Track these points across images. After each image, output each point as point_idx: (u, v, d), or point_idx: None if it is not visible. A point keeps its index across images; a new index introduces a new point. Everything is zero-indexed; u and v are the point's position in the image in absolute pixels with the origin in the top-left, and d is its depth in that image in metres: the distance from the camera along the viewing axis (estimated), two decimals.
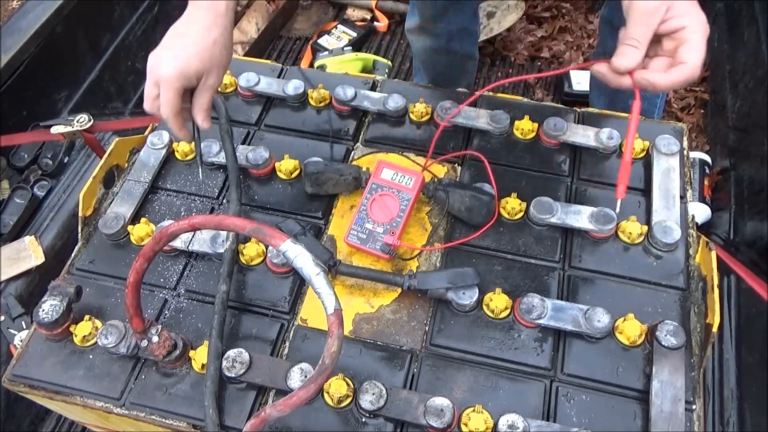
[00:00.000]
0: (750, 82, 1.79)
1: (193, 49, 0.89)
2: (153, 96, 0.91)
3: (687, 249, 0.98)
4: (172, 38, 0.91)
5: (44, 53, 1.71)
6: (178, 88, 0.89)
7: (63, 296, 0.92)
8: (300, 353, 0.91)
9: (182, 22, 0.92)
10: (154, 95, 0.91)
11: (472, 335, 0.91)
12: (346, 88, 1.18)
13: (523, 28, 2.42)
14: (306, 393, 0.73)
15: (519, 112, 1.14)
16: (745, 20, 1.89)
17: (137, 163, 1.14)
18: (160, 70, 0.88)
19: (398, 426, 0.85)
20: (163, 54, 0.89)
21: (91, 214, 1.08)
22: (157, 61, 0.89)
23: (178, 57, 0.88)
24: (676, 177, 1.04)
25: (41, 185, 1.66)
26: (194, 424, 0.87)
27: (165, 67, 0.88)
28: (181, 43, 0.89)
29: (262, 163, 1.08)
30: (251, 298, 0.97)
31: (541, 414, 0.85)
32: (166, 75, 0.88)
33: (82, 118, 1.59)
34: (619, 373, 0.87)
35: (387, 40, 2.45)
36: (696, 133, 2.03)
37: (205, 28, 0.90)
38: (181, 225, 0.81)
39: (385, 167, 1.02)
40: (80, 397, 0.90)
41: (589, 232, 0.99)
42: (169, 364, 0.89)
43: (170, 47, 0.90)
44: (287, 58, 2.43)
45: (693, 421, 0.84)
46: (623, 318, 0.89)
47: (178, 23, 0.92)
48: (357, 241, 0.99)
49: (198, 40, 0.89)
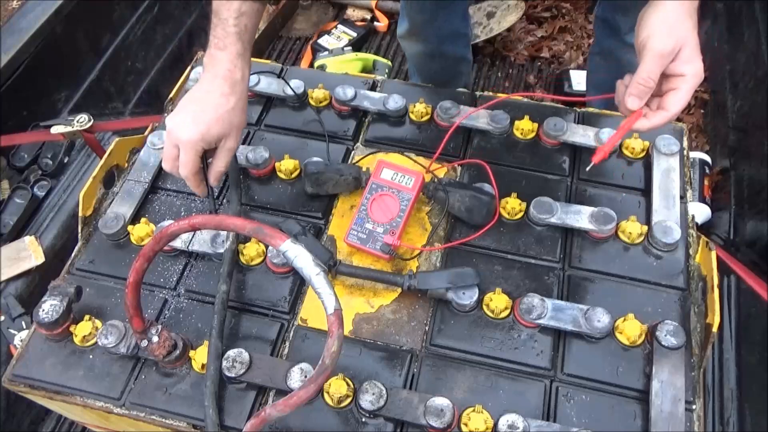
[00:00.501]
0: (750, 82, 1.79)
1: (213, 114, 0.92)
2: (173, 157, 0.94)
3: (687, 249, 0.98)
4: (191, 103, 0.94)
5: (44, 53, 1.71)
6: (198, 151, 0.93)
7: (63, 296, 0.92)
8: (300, 353, 0.91)
9: (200, 89, 0.95)
10: (173, 156, 0.94)
11: (472, 335, 0.91)
12: (346, 88, 1.18)
13: (523, 28, 2.42)
14: (306, 393, 0.73)
15: (519, 112, 1.14)
16: (745, 20, 1.89)
17: (137, 163, 1.14)
18: (181, 134, 0.92)
19: (398, 426, 0.85)
20: (184, 118, 0.92)
21: (91, 214, 1.08)
22: (177, 124, 0.92)
23: (199, 121, 0.92)
24: (676, 177, 1.04)
25: (41, 185, 1.66)
26: (194, 424, 0.87)
27: (187, 132, 0.91)
28: (201, 108, 0.93)
29: (262, 163, 1.08)
30: (251, 298, 0.97)
31: (541, 414, 0.85)
32: (188, 139, 0.91)
33: (82, 118, 1.59)
34: (619, 373, 0.87)
35: (387, 40, 2.45)
36: (696, 133, 2.03)
37: (224, 95, 0.93)
38: (181, 225, 0.81)
39: (385, 167, 1.02)
40: (80, 397, 0.90)
41: (589, 232, 0.99)
42: (169, 364, 0.89)
43: (190, 112, 0.93)
44: (287, 58, 2.43)
45: (693, 421, 0.84)
46: (623, 318, 0.89)
47: (196, 90, 0.96)
48: (357, 241, 0.99)
49: (218, 106, 0.93)
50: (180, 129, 0.92)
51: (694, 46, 0.85)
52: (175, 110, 0.95)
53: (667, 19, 0.84)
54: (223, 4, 0.92)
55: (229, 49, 0.93)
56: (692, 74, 0.86)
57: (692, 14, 0.86)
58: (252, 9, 0.93)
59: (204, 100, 0.93)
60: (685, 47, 0.85)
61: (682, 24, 0.84)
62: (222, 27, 0.92)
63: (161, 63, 2.08)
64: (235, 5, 0.92)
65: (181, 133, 0.92)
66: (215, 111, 0.93)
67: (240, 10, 0.92)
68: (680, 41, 0.84)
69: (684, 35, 0.84)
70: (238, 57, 0.94)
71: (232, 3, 0.91)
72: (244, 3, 0.92)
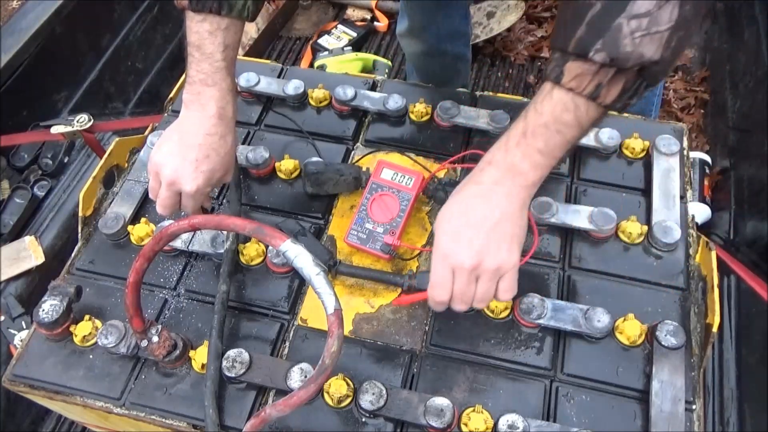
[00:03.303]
0: (750, 82, 1.79)
1: (216, 158, 0.90)
2: (173, 204, 0.92)
3: (687, 249, 0.98)
4: (189, 149, 0.89)
5: (44, 53, 1.71)
6: (206, 194, 0.94)
7: (63, 296, 0.92)
8: (300, 353, 0.91)
9: (193, 131, 0.90)
10: (173, 203, 0.92)
11: (472, 335, 0.91)
12: (346, 88, 1.18)
13: (523, 28, 2.42)
14: (306, 393, 0.73)
15: (519, 112, 1.14)
16: (745, 20, 1.89)
17: (137, 163, 1.14)
18: (186, 186, 0.89)
19: (398, 426, 0.85)
20: (185, 167, 0.88)
21: (91, 214, 1.08)
22: (179, 173, 0.89)
23: (203, 170, 0.89)
24: (676, 177, 1.04)
25: (41, 185, 1.66)
26: (194, 424, 0.87)
27: (192, 182, 0.89)
28: (204, 153, 0.89)
29: (262, 163, 1.08)
30: (251, 298, 0.97)
31: (541, 414, 0.85)
32: (196, 189, 0.89)
33: (82, 118, 1.59)
34: (619, 373, 0.87)
35: (387, 40, 2.45)
36: (696, 133, 2.03)
37: (222, 136, 0.91)
38: (181, 225, 0.81)
39: (385, 167, 1.02)
40: (80, 397, 0.90)
41: (589, 232, 0.99)
42: (169, 364, 0.89)
43: (190, 159, 0.88)
44: (287, 58, 2.43)
45: (693, 421, 0.84)
46: (623, 318, 0.89)
47: (188, 133, 0.90)
48: (357, 241, 0.99)
49: (219, 149, 0.91)
50: (184, 180, 0.88)
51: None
52: (166, 152, 0.90)
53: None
54: (206, 39, 0.87)
55: (219, 85, 0.89)
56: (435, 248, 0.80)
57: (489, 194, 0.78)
58: (235, 40, 0.90)
59: (204, 144, 0.89)
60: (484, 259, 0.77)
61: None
62: (208, 62, 0.88)
63: (161, 63, 2.08)
64: (219, 39, 0.87)
65: (187, 185, 0.89)
66: (217, 154, 0.90)
67: (225, 43, 0.88)
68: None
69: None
70: (228, 92, 0.90)
71: (215, 37, 0.87)
72: (228, 35, 0.88)
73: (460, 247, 0.77)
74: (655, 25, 0.65)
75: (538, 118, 0.75)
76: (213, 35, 0.87)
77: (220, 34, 0.87)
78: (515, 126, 0.78)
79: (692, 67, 2.19)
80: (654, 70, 0.68)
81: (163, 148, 0.91)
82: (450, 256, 0.78)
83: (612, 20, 0.66)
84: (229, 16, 0.87)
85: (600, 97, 0.70)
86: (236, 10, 0.87)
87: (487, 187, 0.78)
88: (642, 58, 0.66)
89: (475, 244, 0.77)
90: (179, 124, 0.92)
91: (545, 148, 0.75)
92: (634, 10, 0.65)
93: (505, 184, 0.77)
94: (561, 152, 0.76)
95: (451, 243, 0.78)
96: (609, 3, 0.66)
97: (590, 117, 0.73)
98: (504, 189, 0.77)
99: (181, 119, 0.92)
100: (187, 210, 0.93)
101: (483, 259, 0.77)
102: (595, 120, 0.74)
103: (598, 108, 0.72)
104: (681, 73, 2.16)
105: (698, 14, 0.66)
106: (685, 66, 2.18)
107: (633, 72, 0.68)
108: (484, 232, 0.77)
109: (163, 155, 0.90)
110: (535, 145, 0.75)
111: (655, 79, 0.70)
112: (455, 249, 0.78)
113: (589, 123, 0.74)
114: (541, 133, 0.75)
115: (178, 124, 0.92)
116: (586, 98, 0.71)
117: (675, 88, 2.12)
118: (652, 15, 0.65)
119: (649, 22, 0.65)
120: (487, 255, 0.77)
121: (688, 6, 0.65)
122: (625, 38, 0.66)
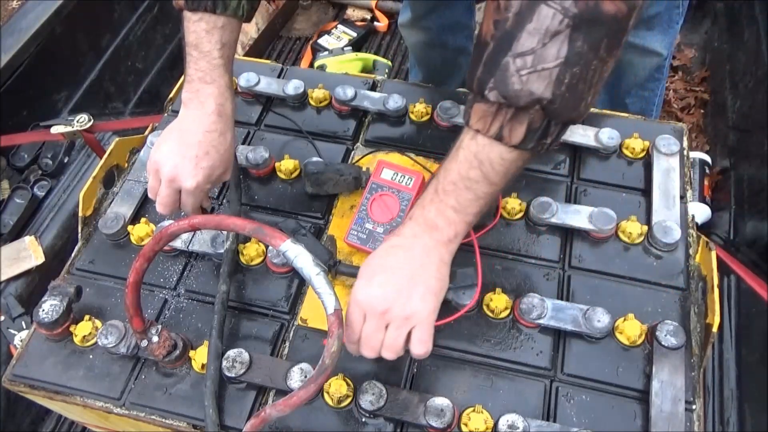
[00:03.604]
0: (750, 82, 1.79)
1: (215, 155, 0.91)
2: (172, 201, 0.92)
3: (687, 249, 0.98)
4: (188, 147, 0.90)
5: (44, 53, 1.71)
6: (205, 192, 0.94)
7: (63, 296, 0.92)
8: (300, 353, 0.91)
9: (192, 129, 0.90)
10: (173, 201, 0.92)
11: (472, 335, 0.91)
12: (346, 88, 1.18)
13: None
14: (306, 393, 0.73)
15: None
16: (745, 20, 1.89)
17: (137, 163, 1.14)
18: (186, 183, 0.89)
19: (398, 426, 0.85)
20: (185, 164, 0.89)
21: (91, 214, 1.08)
22: (179, 170, 0.89)
23: (203, 166, 0.90)
24: (676, 177, 1.04)
25: (41, 185, 1.66)
26: (194, 424, 0.87)
27: (193, 179, 0.89)
28: (204, 150, 0.90)
29: (262, 163, 1.08)
30: (251, 298, 0.97)
31: (541, 414, 0.85)
32: (196, 186, 0.90)
33: (82, 118, 1.59)
34: (619, 373, 0.87)
35: (387, 40, 2.45)
36: (696, 133, 2.03)
37: (221, 133, 0.91)
38: (181, 225, 0.81)
39: (385, 167, 1.02)
40: (80, 397, 0.90)
41: (589, 232, 0.99)
42: (169, 364, 0.89)
43: (190, 156, 0.89)
44: (287, 58, 2.43)
45: (693, 421, 0.84)
46: (623, 318, 0.89)
47: (188, 131, 0.91)
48: (357, 241, 0.99)
49: (218, 146, 0.91)
50: (184, 176, 0.89)
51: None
52: (165, 150, 0.90)
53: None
54: (203, 37, 0.89)
55: (217, 82, 0.90)
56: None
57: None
58: (231, 39, 0.91)
59: (204, 141, 0.90)
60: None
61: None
62: (206, 60, 0.89)
63: (161, 63, 2.08)
64: (216, 37, 0.89)
65: (187, 181, 0.89)
66: (216, 151, 0.91)
67: (222, 41, 0.89)
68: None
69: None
70: (227, 89, 0.92)
71: (212, 35, 0.89)
72: (224, 33, 0.89)
73: (372, 291, 0.77)
74: (541, 63, 0.64)
75: (446, 175, 0.75)
76: (210, 34, 0.89)
77: (216, 32, 0.89)
78: (431, 182, 0.78)
79: (692, 67, 2.19)
80: (553, 109, 0.67)
81: (163, 147, 0.91)
82: (361, 300, 0.77)
83: (500, 59, 0.66)
84: (224, 15, 0.88)
85: (505, 138, 0.69)
86: (231, 9, 0.88)
87: (407, 239, 0.78)
88: (532, 96, 0.65)
89: (387, 290, 0.76)
90: (178, 123, 0.92)
91: (458, 204, 0.75)
92: (518, 48, 0.64)
93: (423, 238, 0.77)
94: (476, 208, 0.76)
95: (365, 287, 0.78)
96: (497, 42, 0.66)
97: (501, 169, 0.72)
98: (422, 242, 0.77)
99: (180, 118, 0.93)
100: (187, 209, 0.93)
101: (392, 306, 0.76)
102: (508, 171, 0.73)
103: (509, 151, 0.71)
104: (681, 73, 2.16)
105: (597, 49, 0.64)
106: (685, 66, 2.18)
107: (537, 111, 0.67)
108: (398, 279, 0.76)
109: (162, 153, 0.91)
110: (447, 202, 0.76)
111: (559, 117, 0.68)
112: (368, 292, 0.77)
113: (499, 177, 0.73)
114: (451, 191, 0.75)
115: (178, 122, 0.93)
116: (491, 140, 0.70)
117: (675, 88, 2.12)
118: (536, 53, 0.64)
119: (534, 59, 0.64)
120: (397, 302, 0.76)
121: (580, 42, 0.63)
122: (513, 76, 0.65)
